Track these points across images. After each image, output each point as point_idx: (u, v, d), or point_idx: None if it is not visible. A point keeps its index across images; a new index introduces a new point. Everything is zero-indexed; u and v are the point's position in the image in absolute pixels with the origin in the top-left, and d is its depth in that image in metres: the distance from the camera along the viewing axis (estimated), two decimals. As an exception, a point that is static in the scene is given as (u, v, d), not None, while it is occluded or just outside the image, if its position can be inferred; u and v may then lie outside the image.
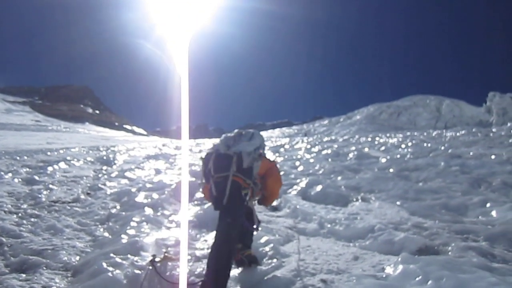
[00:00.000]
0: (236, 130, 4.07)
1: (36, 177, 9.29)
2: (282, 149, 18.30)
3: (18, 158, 13.60)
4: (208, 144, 28.40)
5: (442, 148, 14.71)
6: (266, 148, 18.42)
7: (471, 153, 12.20)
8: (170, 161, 14.15)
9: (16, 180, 8.85)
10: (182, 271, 3.13)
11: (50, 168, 10.99)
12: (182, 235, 4.86)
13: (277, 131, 69.55)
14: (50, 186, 8.36)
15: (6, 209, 6.21)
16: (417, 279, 3.17)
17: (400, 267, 3.43)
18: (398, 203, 6.63)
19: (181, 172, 10.34)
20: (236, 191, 3.53)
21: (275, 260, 3.99)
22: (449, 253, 4.16)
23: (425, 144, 17.64)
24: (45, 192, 7.68)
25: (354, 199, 7.20)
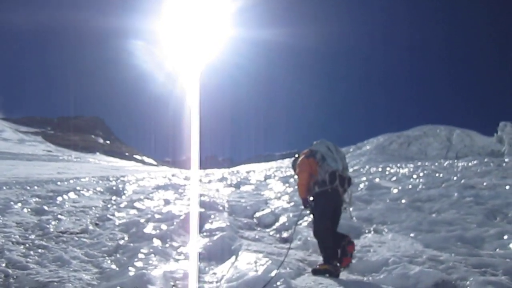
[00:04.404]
0: (324, 144, 5.39)
1: (46, 207, 9.25)
2: (292, 180, 18.13)
3: (28, 188, 13.60)
4: (217, 174, 28.31)
5: (455, 178, 14.49)
6: (277, 178, 18.18)
7: (484, 184, 12.00)
8: (180, 191, 14.05)
9: (25, 210, 8.82)
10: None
11: (59, 198, 10.96)
12: (191, 268, 4.78)
13: (286, 161, 69.06)
14: (59, 216, 8.30)
15: (13, 240, 6.14)
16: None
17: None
18: (412, 235, 6.48)
19: (190, 203, 10.23)
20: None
21: (286, 294, 3.86)
22: (468, 288, 4.00)
23: (437, 174, 17.42)
24: (53, 223, 7.61)
25: (367, 231, 7.05)
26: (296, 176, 5.74)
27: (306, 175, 5.16)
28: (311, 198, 5.14)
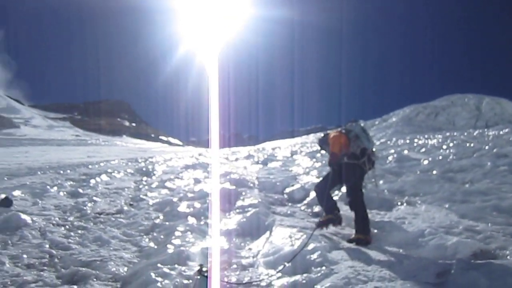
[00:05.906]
0: (359, 126, 5.66)
1: (80, 190, 9.51)
2: (318, 155, 18.04)
3: (61, 172, 13.99)
4: (243, 152, 28.42)
5: (486, 147, 14.12)
6: (303, 153, 18.09)
7: (518, 152, 11.65)
8: (208, 169, 14.20)
9: (61, 193, 9.09)
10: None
11: (92, 181, 11.24)
12: (213, 248, 4.85)
13: (311, 136, 68.49)
14: (94, 198, 8.53)
15: (54, 222, 6.36)
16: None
17: (458, 273, 3.27)
18: (446, 206, 6.37)
19: (220, 181, 10.31)
20: None
21: (323, 268, 3.89)
22: (508, 257, 3.94)
23: (467, 144, 17.01)
24: (89, 204, 7.84)
25: (399, 203, 6.98)
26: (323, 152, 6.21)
27: (342, 139, 5.40)
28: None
